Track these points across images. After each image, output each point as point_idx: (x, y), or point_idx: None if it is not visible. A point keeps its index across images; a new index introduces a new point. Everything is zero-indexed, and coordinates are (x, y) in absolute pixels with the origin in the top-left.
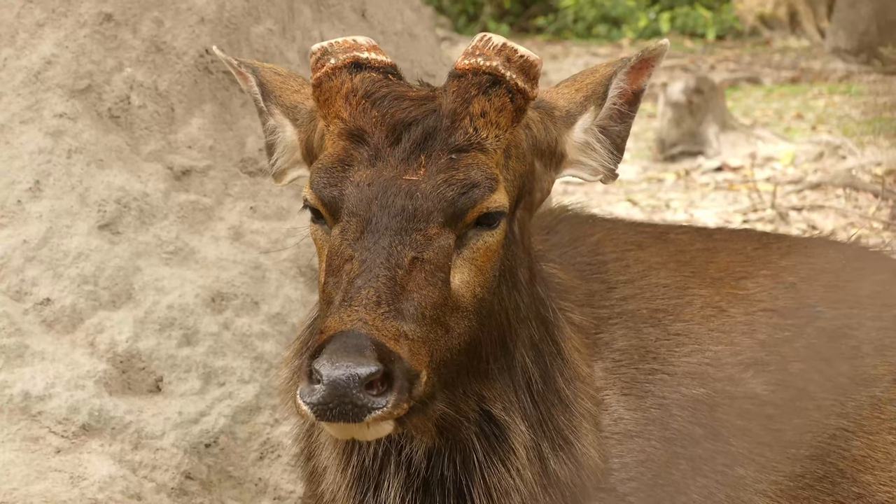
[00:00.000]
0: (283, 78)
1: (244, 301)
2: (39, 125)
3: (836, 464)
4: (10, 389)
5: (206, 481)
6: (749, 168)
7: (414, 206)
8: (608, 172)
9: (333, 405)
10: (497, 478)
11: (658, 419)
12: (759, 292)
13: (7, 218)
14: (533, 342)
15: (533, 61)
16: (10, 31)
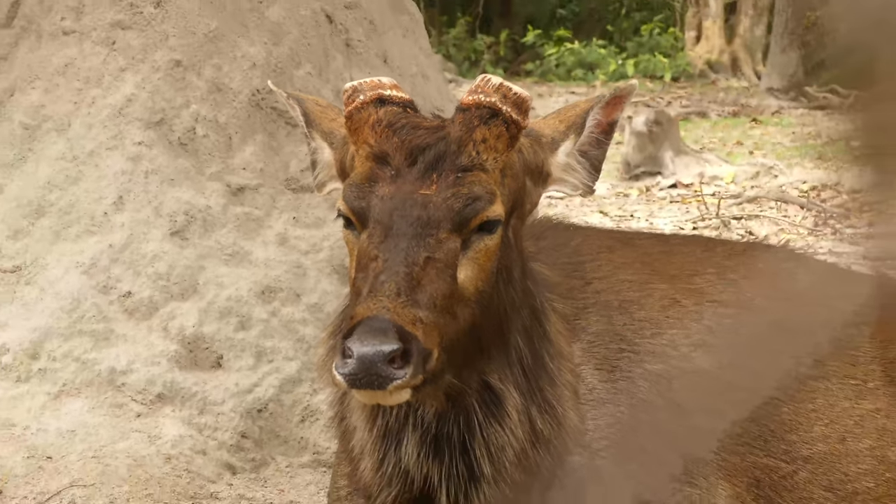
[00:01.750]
0: (323, 108)
1: (288, 293)
2: (122, 151)
3: (768, 426)
4: (99, 366)
5: (258, 440)
6: (698, 185)
7: (427, 216)
8: (587, 188)
9: (362, 376)
10: (494, 435)
11: (625, 389)
12: (707, 287)
13: (96, 227)
14: (524, 326)
15: (524, 98)
16: (97, 75)
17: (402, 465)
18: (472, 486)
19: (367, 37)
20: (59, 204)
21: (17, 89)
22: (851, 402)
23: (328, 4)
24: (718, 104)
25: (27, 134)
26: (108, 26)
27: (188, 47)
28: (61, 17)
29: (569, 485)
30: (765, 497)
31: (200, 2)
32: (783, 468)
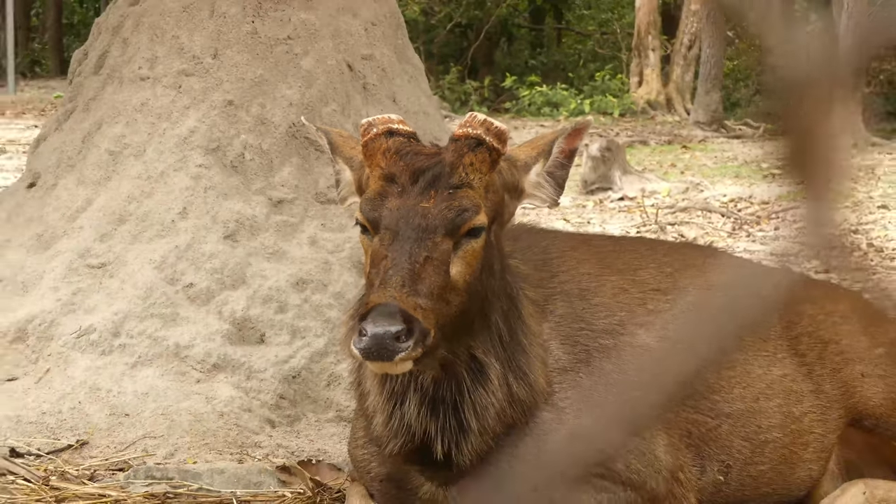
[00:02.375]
0: (345, 139)
1: (318, 284)
2: (186, 172)
3: (697, 388)
4: (167, 341)
5: (293, 400)
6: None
7: (426, 223)
8: (553, 202)
9: (374, 350)
10: (479, 397)
11: (584, 360)
12: (649, 278)
13: (166, 231)
14: (503, 310)
15: (503, 130)
16: (167, 111)
17: (406, 420)
18: (462, 437)
19: (380, 81)
20: (137, 213)
21: (104, 123)
22: (764, 370)
23: (349, 56)
24: (656, 134)
25: (111, 158)
26: (176, 73)
27: (239, 90)
28: (139, 66)
29: (538, 434)
30: (695, 445)
31: (249, 54)
32: (709, 422)
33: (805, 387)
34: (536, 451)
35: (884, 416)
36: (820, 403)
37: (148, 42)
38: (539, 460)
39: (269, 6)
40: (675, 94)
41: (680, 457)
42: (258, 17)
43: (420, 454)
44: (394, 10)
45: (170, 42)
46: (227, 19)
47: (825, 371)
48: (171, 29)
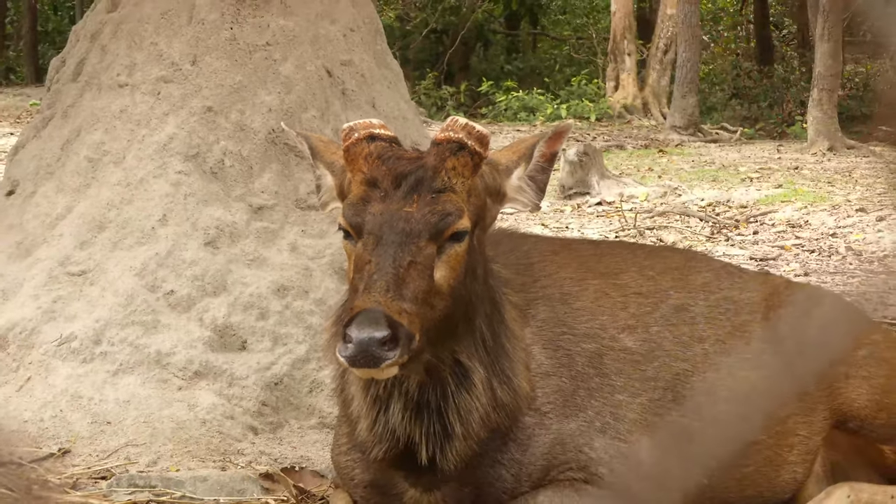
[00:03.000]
0: (325, 144)
1: (299, 290)
2: (166, 178)
3: (680, 391)
4: (149, 349)
5: (275, 406)
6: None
7: (410, 228)
8: (535, 206)
9: (360, 357)
10: (463, 402)
11: (566, 364)
12: (630, 282)
13: (146, 238)
14: (486, 315)
15: (485, 134)
16: (146, 118)
17: (390, 425)
18: (446, 441)
19: (359, 87)
20: (117, 220)
21: (82, 130)
22: (747, 372)
23: (328, 62)
24: (633, 139)
25: (91, 165)
26: (155, 80)
27: (218, 96)
28: (117, 73)
29: (522, 439)
30: (679, 448)
31: (228, 61)
32: (693, 426)
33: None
34: (520, 456)
35: (868, 417)
36: (804, 406)
37: (126, 49)
38: (522, 465)
39: (248, 12)
40: (651, 99)
41: (663, 460)
42: (237, 23)
43: (404, 459)
44: (372, 16)
45: (148, 48)
46: (206, 25)
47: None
48: (150, 35)
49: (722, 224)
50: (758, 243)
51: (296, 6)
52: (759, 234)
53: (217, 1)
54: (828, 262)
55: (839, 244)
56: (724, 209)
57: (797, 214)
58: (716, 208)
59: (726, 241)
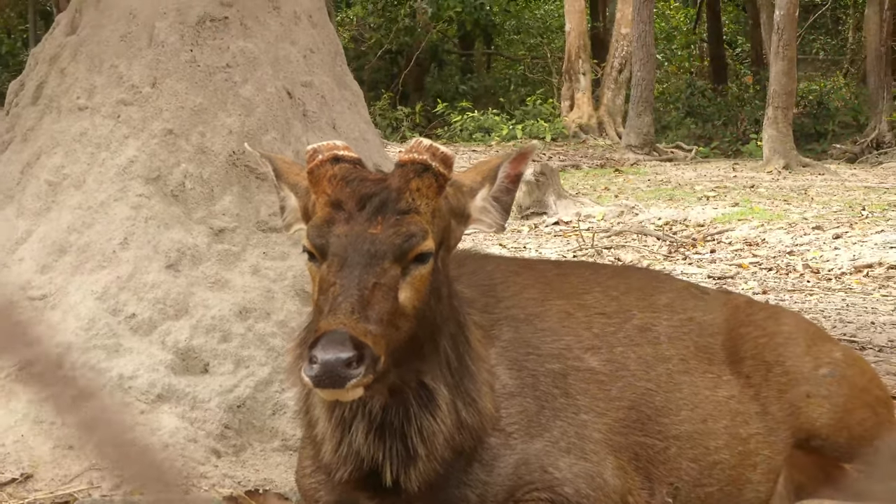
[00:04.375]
0: (289, 165)
1: (261, 313)
2: (126, 202)
3: (645, 411)
4: (111, 373)
5: (238, 429)
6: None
7: (374, 249)
8: (499, 227)
9: (325, 378)
10: (427, 423)
11: (531, 384)
12: (594, 302)
13: (107, 262)
14: (451, 335)
15: (449, 155)
16: (106, 141)
17: (354, 447)
18: (410, 463)
19: (320, 108)
20: (78, 244)
21: (42, 153)
22: (710, 391)
23: (288, 83)
24: (589, 158)
25: (51, 189)
26: (115, 103)
27: (178, 119)
28: (77, 96)
29: (487, 459)
30: (643, 468)
31: (188, 83)
32: (657, 445)
33: (751, 408)
34: (485, 477)
35: (830, 436)
36: (767, 425)
37: (86, 72)
38: (488, 485)
39: (208, 34)
40: (606, 118)
41: (628, 480)
42: (197, 45)
43: (369, 481)
44: (332, 38)
45: (108, 71)
46: (166, 48)
47: (771, 393)
48: (110, 58)
49: (679, 243)
50: (715, 262)
51: (255, 28)
52: (716, 253)
53: (176, 23)
54: (785, 280)
55: (796, 262)
56: (680, 228)
57: (754, 232)
58: (672, 227)
59: (684, 259)
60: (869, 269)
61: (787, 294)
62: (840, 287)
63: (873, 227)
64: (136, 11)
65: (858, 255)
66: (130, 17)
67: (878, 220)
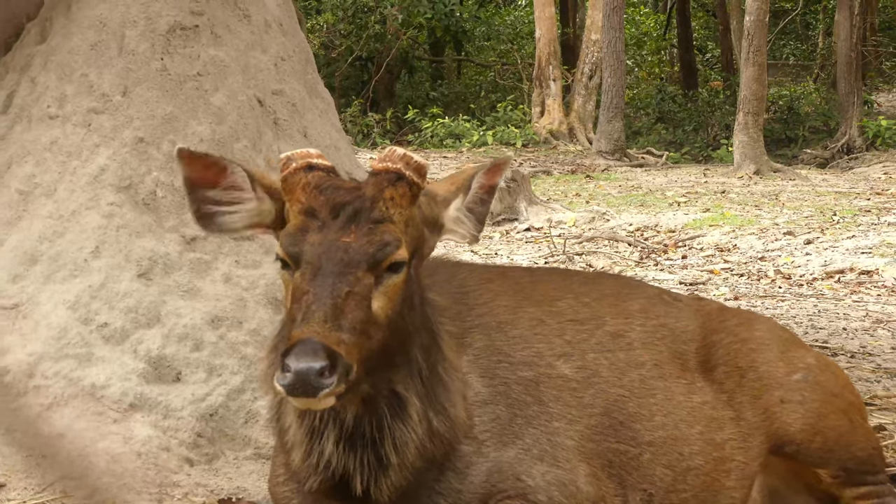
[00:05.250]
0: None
1: (233, 321)
2: (98, 210)
3: (618, 418)
4: (83, 381)
5: (211, 438)
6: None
7: (348, 258)
8: (473, 238)
9: (298, 386)
10: (399, 433)
11: (503, 392)
12: (566, 309)
13: (79, 271)
14: (423, 345)
15: (423, 164)
16: (77, 149)
17: (325, 456)
18: (381, 472)
19: (291, 116)
20: (49, 253)
21: (13, 163)
22: (684, 397)
23: (259, 92)
24: (560, 164)
25: (22, 198)
26: (86, 111)
27: (149, 127)
28: (48, 105)
29: (459, 468)
30: (617, 475)
31: (158, 91)
32: (631, 451)
33: (725, 414)
34: (458, 485)
35: (804, 441)
36: (741, 431)
37: (56, 81)
38: (461, 493)
39: (179, 43)
40: (577, 124)
41: (602, 487)
42: (167, 53)
43: (339, 490)
44: (303, 46)
45: (78, 80)
46: (136, 56)
47: (745, 398)
48: (80, 67)
49: (650, 249)
50: (687, 268)
51: (226, 36)
52: (687, 259)
53: (147, 32)
54: (757, 286)
55: (768, 268)
56: (652, 234)
57: (725, 238)
58: (644, 233)
59: (655, 265)
60: (840, 275)
61: (758, 300)
62: (812, 293)
63: (844, 232)
64: (105, 20)
65: (830, 260)
66: (100, 25)
67: (850, 225)
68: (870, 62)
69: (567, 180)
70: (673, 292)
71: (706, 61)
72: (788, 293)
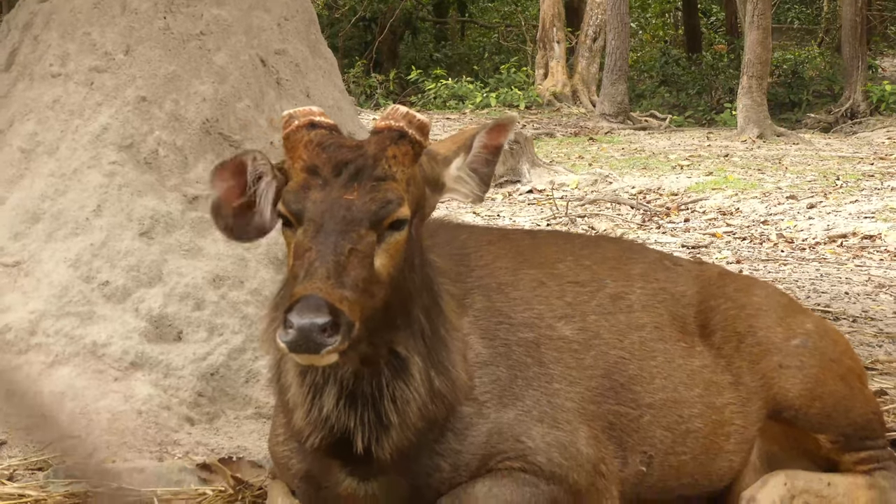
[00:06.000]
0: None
1: (234, 280)
2: (100, 169)
3: (618, 380)
4: (84, 340)
5: (211, 397)
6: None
7: (351, 216)
8: (476, 197)
9: (301, 343)
10: (400, 392)
11: (503, 353)
12: (567, 271)
13: (80, 230)
14: (424, 305)
15: (425, 122)
16: (79, 108)
17: (325, 413)
18: (382, 431)
19: (293, 76)
20: (51, 211)
21: (15, 121)
22: (684, 360)
23: (262, 51)
24: (563, 126)
25: (24, 156)
26: (88, 70)
27: (152, 86)
28: (50, 63)
29: (459, 428)
30: (617, 437)
31: (161, 50)
32: (631, 413)
33: (724, 379)
34: (458, 446)
35: (803, 407)
36: (740, 395)
37: (59, 39)
38: (460, 454)
39: (181, 2)
40: (580, 86)
41: (602, 449)
42: (170, 12)
43: (340, 448)
44: (306, 6)
45: (81, 38)
46: (139, 15)
47: (743, 363)
48: (83, 25)
49: (653, 212)
50: (689, 231)
51: None
52: (690, 222)
53: None
54: (759, 250)
55: (770, 231)
56: (654, 197)
57: (728, 202)
58: (646, 196)
59: (658, 228)
60: (843, 239)
61: (760, 264)
62: (814, 257)
63: (847, 196)
64: None
65: (832, 224)
66: None
67: (853, 189)
68: (875, 27)
69: (570, 143)
70: (674, 256)
71: (710, 24)
72: (791, 257)
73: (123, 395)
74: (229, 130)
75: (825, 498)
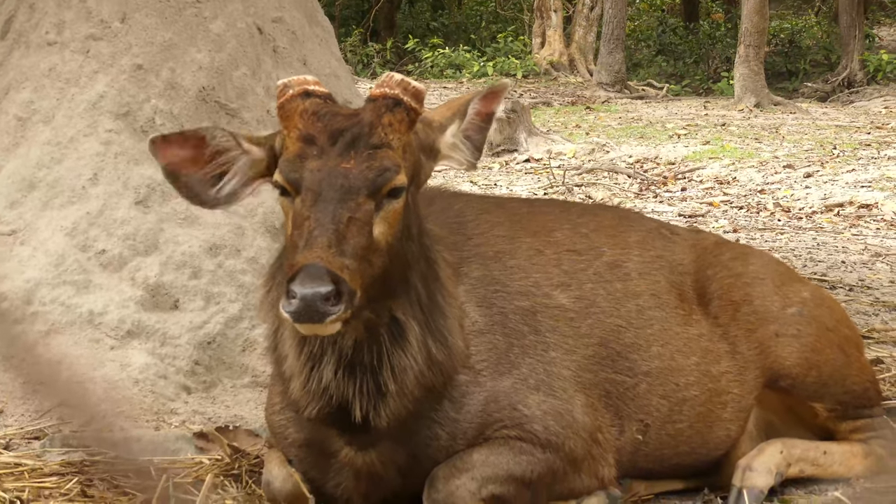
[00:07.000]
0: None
1: (231, 249)
2: (96, 137)
3: (615, 348)
4: (80, 308)
5: (208, 366)
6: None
7: (349, 184)
8: (470, 164)
9: (304, 312)
10: (398, 360)
11: (500, 321)
12: (564, 239)
13: (76, 198)
14: (422, 273)
15: (420, 90)
16: (75, 76)
17: (323, 383)
18: (380, 400)
19: (290, 45)
20: (47, 180)
21: (11, 89)
22: (681, 328)
23: (259, 19)
24: (560, 95)
25: (20, 124)
26: (84, 38)
27: (148, 54)
28: (46, 31)
29: (456, 397)
30: (613, 405)
31: (157, 18)
32: (627, 381)
33: (721, 347)
34: (455, 414)
35: (799, 376)
36: (736, 364)
37: (55, 6)
38: (458, 423)
39: None
40: (577, 55)
41: (598, 417)
42: None
43: (338, 418)
44: None
45: (77, 6)
46: None
47: (740, 332)
48: None
49: (650, 181)
50: (686, 200)
51: None
52: (687, 191)
53: None
54: (756, 219)
55: (767, 200)
56: (651, 166)
57: (725, 171)
58: (643, 165)
59: (655, 197)
60: (840, 209)
61: (757, 233)
62: (811, 226)
63: (844, 165)
64: None
65: (829, 194)
66: None
67: (849, 158)
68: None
69: (567, 112)
70: (671, 225)
71: None
72: (788, 226)
73: (120, 364)
74: (226, 99)
75: (821, 466)
